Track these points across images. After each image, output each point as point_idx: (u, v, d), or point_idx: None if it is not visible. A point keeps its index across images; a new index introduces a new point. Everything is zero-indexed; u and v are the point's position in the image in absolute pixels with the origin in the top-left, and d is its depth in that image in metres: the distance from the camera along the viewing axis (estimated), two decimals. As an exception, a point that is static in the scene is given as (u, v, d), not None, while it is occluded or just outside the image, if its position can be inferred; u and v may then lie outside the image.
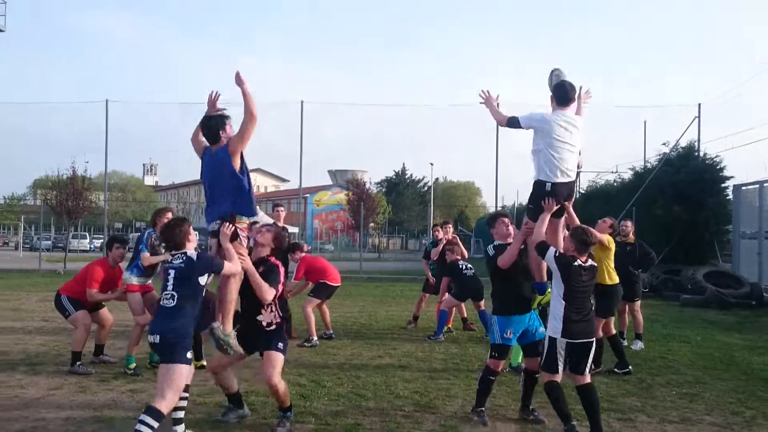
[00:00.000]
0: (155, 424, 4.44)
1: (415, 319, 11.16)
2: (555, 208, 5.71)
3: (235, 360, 5.46)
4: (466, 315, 10.83)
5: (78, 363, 7.25)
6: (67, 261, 26.42)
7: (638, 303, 9.60)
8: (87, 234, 48.06)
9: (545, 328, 5.62)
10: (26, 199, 70.32)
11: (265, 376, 5.22)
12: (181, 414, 5.13)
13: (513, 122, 5.88)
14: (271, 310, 5.36)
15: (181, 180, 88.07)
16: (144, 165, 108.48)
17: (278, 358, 5.27)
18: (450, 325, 10.51)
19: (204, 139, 5.63)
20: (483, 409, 5.76)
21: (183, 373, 4.70)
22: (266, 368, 5.22)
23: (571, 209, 5.95)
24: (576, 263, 5.26)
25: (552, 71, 6.20)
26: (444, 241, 10.91)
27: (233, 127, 5.53)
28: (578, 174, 31.90)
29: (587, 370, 5.27)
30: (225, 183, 5.39)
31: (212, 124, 5.50)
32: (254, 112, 5.33)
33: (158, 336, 4.69)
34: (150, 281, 7.53)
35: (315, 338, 9.19)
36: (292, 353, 8.17)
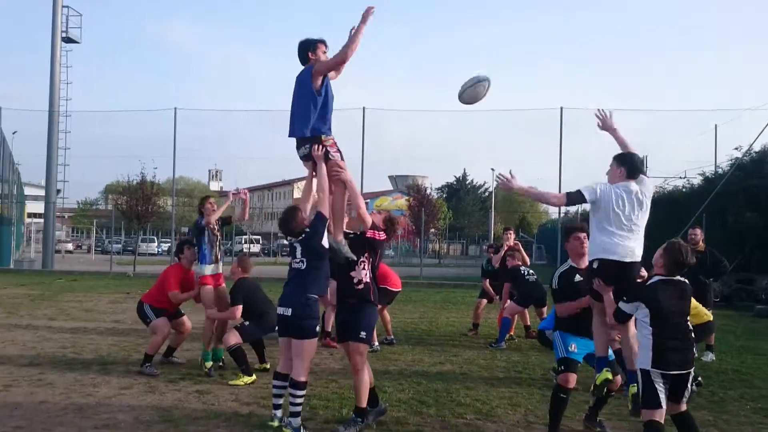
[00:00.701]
0: (302, 393, 5.19)
1: (475, 326, 11.05)
2: (609, 288, 5.06)
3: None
4: (529, 322, 10.67)
5: (147, 364, 7.48)
6: (136, 264, 27.28)
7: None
8: (155, 238, 49.54)
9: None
10: (98, 204, 73.15)
11: (351, 365, 5.55)
12: (280, 400, 5.45)
13: (575, 198, 5.18)
14: (363, 267, 5.54)
15: (245, 185, 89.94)
16: (209, 171, 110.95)
17: (360, 348, 5.49)
18: (512, 333, 10.38)
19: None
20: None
21: (314, 344, 5.30)
22: (352, 358, 5.50)
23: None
24: (653, 280, 4.76)
25: (477, 79, 5.86)
26: (506, 248, 10.81)
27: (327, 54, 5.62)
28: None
29: (684, 399, 4.68)
30: (303, 101, 5.51)
31: (302, 45, 5.64)
32: (349, 53, 5.38)
33: (290, 309, 5.19)
34: (221, 270, 7.86)
35: (376, 344, 9.22)
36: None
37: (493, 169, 48.68)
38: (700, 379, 7.38)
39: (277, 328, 5.54)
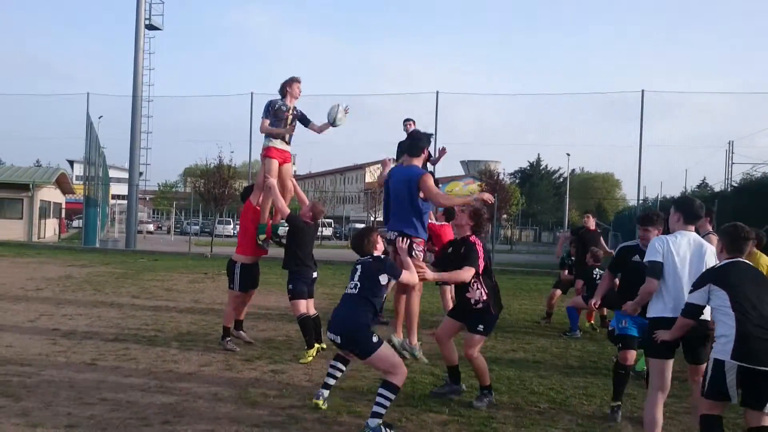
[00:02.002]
0: (392, 396, 4.94)
1: (548, 315, 10.87)
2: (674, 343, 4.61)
3: (457, 329, 5.98)
4: (606, 312, 10.42)
5: (228, 339, 7.71)
6: (213, 245, 28.06)
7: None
8: (231, 220, 50.84)
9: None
10: (177, 187, 75.50)
11: (465, 353, 5.76)
12: (332, 381, 5.52)
13: (655, 272, 4.71)
14: (477, 287, 5.72)
15: (316, 170, 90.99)
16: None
17: (475, 340, 5.75)
18: (592, 321, 10.18)
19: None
20: (617, 404, 5.65)
21: (385, 351, 5.03)
22: (465, 347, 5.78)
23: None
24: (724, 262, 4.31)
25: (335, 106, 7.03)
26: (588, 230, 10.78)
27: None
28: (732, 165, 29.72)
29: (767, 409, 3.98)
30: (406, 204, 6.13)
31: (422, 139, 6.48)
32: (442, 202, 6.49)
33: (339, 337, 5.07)
34: (288, 149, 8.10)
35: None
36: (426, 344, 8.22)
37: (568, 154, 47.73)
38: None
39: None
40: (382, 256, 5.36)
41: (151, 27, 30.65)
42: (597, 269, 9.95)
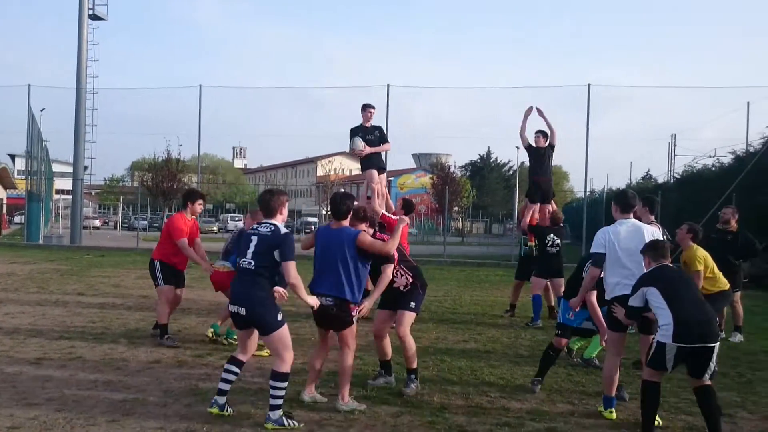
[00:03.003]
0: (283, 385, 4.91)
1: (512, 307, 10.98)
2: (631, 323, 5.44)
3: (391, 317, 6.10)
4: (553, 303, 10.61)
5: (166, 336, 7.63)
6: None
7: (738, 294, 9.18)
8: (180, 214, 50.04)
9: None
10: (124, 181, 73.90)
11: (397, 331, 5.95)
12: (226, 386, 5.18)
13: (597, 262, 5.50)
14: (401, 275, 5.95)
15: (268, 163, 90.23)
16: (234, 148, 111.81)
17: (407, 316, 5.99)
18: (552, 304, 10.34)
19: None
20: (538, 378, 6.21)
21: (285, 333, 5.01)
22: (397, 325, 5.97)
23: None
24: (659, 266, 5.03)
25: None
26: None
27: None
28: (675, 157, 30.49)
29: (707, 375, 4.77)
30: (340, 268, 5.42)
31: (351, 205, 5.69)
32: (391, 250, 5.61)
33: (244, 309, 4.96)
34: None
35: None
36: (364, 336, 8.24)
37: (518, 147, 48.35)
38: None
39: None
40: (283, 230, 5.10)
41: (94, 17, 29.90)
42: (550, 235, 9.97)
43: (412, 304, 6.03)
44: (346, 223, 5.56)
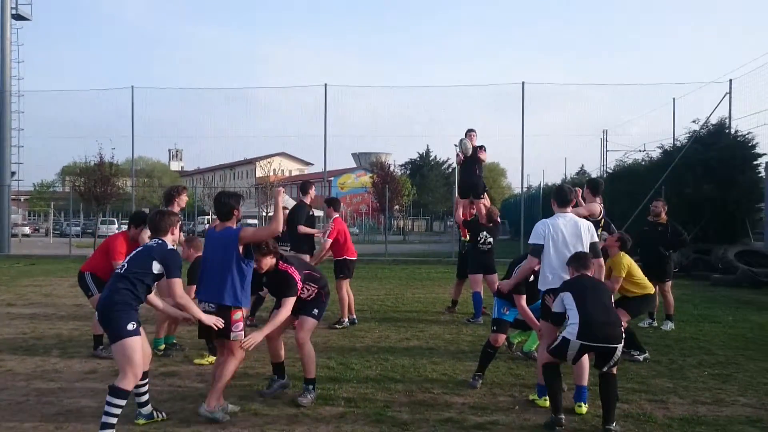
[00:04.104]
0: (121, 403, 4.64)
1: (453, 303, 11.08)
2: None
3: (287, 326, 5.83)
4: (457, 299, 10.95)
5: (100, 347, 7.39)
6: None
7: (669, 283, 9.52)
8: (115, 219, 48.64)
9: None
10: (55, 186, 71.40)
11: (296, 336, 5.69)
12: (143, 398, 5.12)
13: (535, 252, 5.66)
14: (306, 288, 5.71)
15: (205, 165, 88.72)
16: (169, 151, 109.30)
17: (309, 322, 5.75)
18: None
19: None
20: (479, 374, 6.33)
21: (132, 345, 4.69)
22: (297, 330, 5.74)
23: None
24: (578, 276, 5.30)
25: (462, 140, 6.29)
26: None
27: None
28: (606, 153, 31.43)
29: (608, 368, 5.10)
30: (222, 269, 5.25)
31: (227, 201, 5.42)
32: (278, 227, 5.40)
33: (98, 313, 4.91)
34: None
35: (346, 320, 9.23)
36: (320, 336, 8.23)
37: (455, 145, 49.05)
38: (647, 353, 7.50)
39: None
40: (171, 246, 5.03)
41: (18, 17, 28.73)
42: (483, 233, 10.08)
43: (315, 311, 5.80)
44: (230, 223, 5.38)
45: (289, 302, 5.48)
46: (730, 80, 20.98)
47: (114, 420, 4.64)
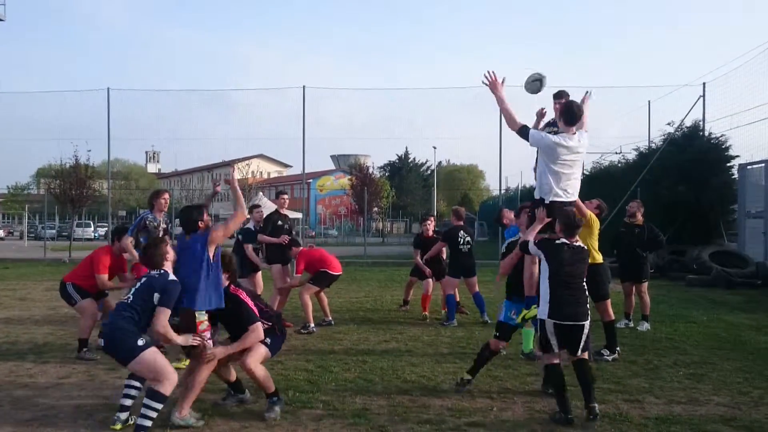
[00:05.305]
0: (158, 406, 4.77)
1: (405, 303, 11.17)
2: (547, 220, 5.78)
3: (236, 358, 5.46)
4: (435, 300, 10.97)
5: (84, 349, 7.34)
6: (72, 250, 26.45)
7: (645, 284, 9.61)
8: (91, 222, 48.14)
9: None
10: (30, 189, 70.40)
11: (243, 361, 5.31)
12: (128, 402, 5.16)
13: (523, 133, 5.85)
14: (262, 322, 5.47)
15: (183, 167, 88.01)
16: (146, 153, 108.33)
17: (259, 349, 5.38)
18: (426, 312, 10.41)
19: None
20: (469, 378, 6.19)
21: (150, 357, 4.81)
22: (245, 356, 5.31)
23: (580, 204, 6.35)
24: (558, 242, 5.39)
25: (532, 78, 6.59)
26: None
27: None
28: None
29: (580, 352, 5.31)
30: (195, 270, 5.23)
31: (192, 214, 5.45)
32: (243, 211, 5.47)
33: (103, 340, 5.00)
34: None
35: (312, 325, 9.14)
36: (299, 340, 8.23)
37: (435, 147, 49.14)
38: (618, 350, 7.55)
39: None
40: (171, 275, 5.08)
41: (-9, 17, 28.38)
42: (461, 233, 10.08)
43: (268, 339, 5.45)
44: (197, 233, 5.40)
45: (257, 326, 5.32)
46: (704, 84, 21.24)
47: (149, 423, 4.71)
